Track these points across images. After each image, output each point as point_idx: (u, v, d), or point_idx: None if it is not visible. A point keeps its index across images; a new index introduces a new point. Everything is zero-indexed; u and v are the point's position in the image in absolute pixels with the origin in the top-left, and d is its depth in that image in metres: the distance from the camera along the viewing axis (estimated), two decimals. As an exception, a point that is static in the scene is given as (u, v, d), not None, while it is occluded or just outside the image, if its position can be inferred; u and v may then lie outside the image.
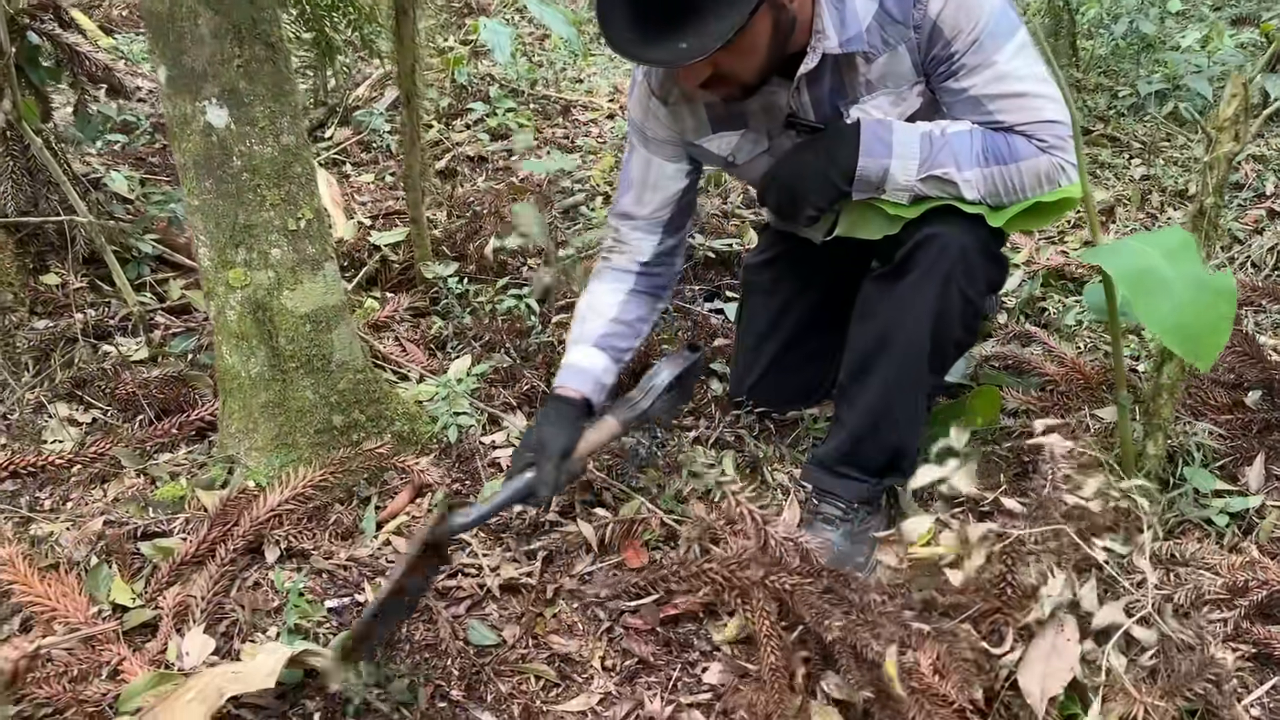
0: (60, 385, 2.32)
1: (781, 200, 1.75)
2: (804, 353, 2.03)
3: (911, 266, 1.70)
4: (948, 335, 1.76)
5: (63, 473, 2.01)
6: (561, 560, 1.83)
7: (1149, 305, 1.46)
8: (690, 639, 1.67)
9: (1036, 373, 2.32)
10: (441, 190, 3.24)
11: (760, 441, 2.05)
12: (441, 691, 1.55)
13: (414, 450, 1.97)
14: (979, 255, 1.70)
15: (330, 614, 1.70)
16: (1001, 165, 1.62)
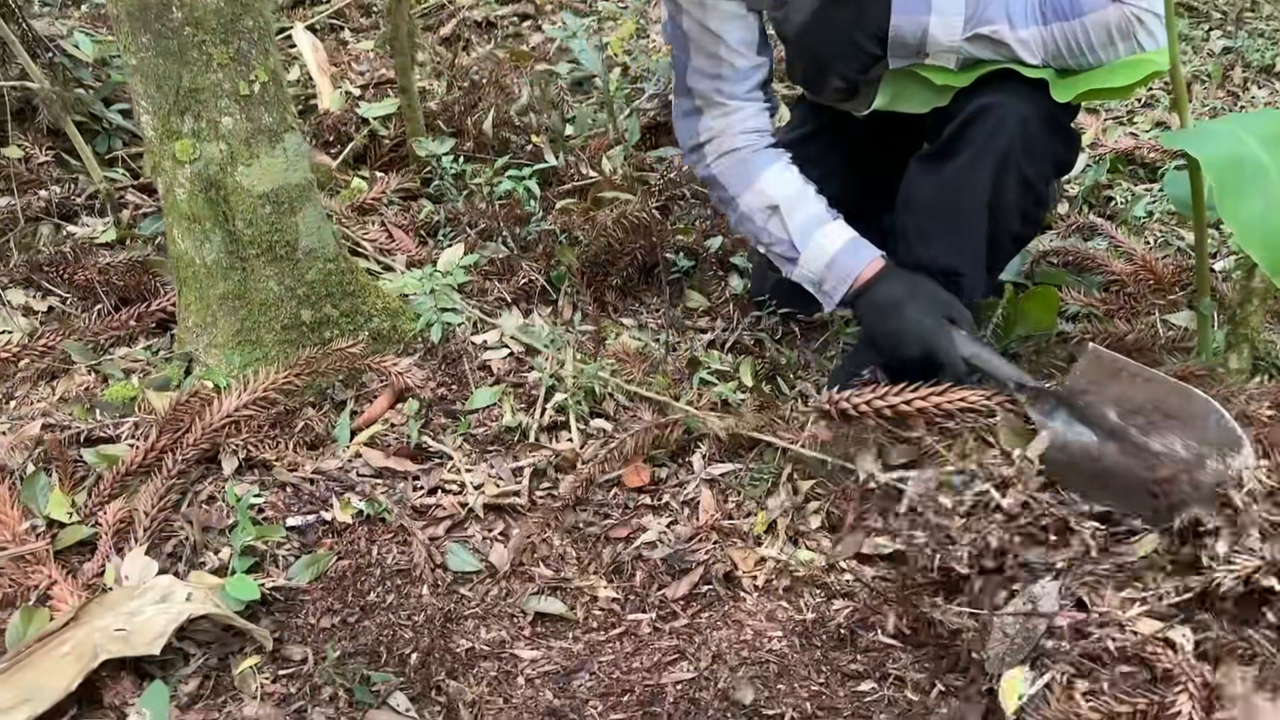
0: (16, 269, 2.11)
1: (807, 69, 1.48)
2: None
3: (962, 145, 1.44)
4: (1004, 227, 1.51)
5: (8, 367, 1.83)
6: (550, 478, 1.63)
7: (1237, 201, 1.20)
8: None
9: (1101, 270, 2.07)
10: (443, 59, 2.95)
11: (782, 346, 1.83)
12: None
13: (394, 350, 1.77)
14: (1042, 130, 1.44)
15: (291, 533, 1.53)
16: (1063, 21, 1.35)
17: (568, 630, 1.42)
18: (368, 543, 1.50)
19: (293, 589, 1.43)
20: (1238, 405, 1.37)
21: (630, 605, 1.45)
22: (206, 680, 1.30)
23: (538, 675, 1.35)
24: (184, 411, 1.58)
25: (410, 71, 2.32)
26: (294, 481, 1.59)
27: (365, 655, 1.35)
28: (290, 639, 1.37)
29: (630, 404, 1.74)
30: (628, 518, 1.57)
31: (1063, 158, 1.56)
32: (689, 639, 1.38)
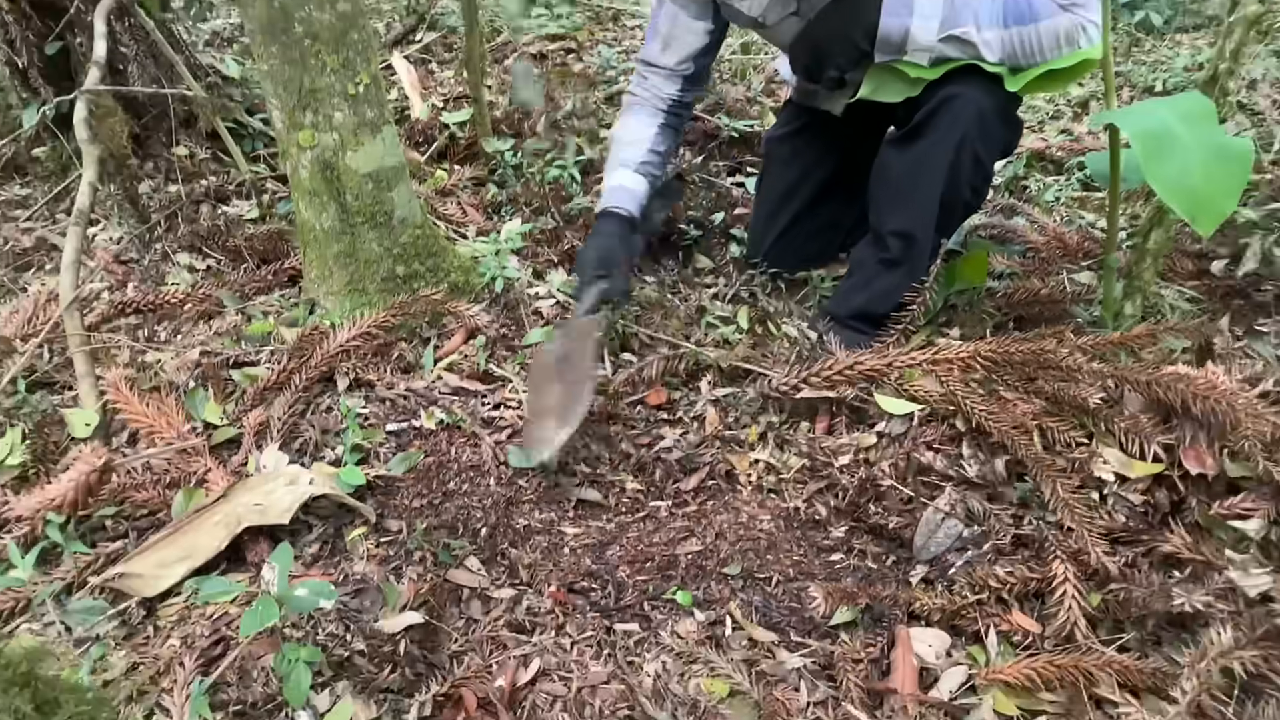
0: (183, 238, 2.07)
1: (810, 60, 1.41)
2: (817, 220, 1.71)
3: (929, 128, 1.37)
4: (957, 195, 1.44)
5: (176, 310, 1.79)
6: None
7: (1160, 167, 1.13)
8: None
9: (1020, 241, 1.98)
10: (507, 84, 2.86)
11: (771, 298, 1.76)
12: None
13: (467, 298, 1.70)
14: (995, 117, 1.36)
15: (389, 436, 1.48)
16: (1021, 26, 1.26)
17: (602, 513, 1.38)
18: (447, 444, 1.46)
19: (390, 478, 1.40)
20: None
21: (651, 495, 1.41)
22: (325, 545, 1.28)
23: (579, 546, 1.31)
24: (307, 343, 1.53)
25: (480, 87, 2.24)
26: (391, 397, 1.55)
27: (446, 528, 1.32)
28: (389, 515, 1.34)
29: (650, 342, 1.68)
30: (649, 429, 1.53)
31: (1009, 141, 1.48)
32: (697, 521, 1.34)
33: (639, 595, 1.19)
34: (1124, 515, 1.21)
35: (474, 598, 1.18)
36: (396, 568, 1.20)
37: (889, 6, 1.25)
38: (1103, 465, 1.21)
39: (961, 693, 1.09)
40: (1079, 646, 1.09)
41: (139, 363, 1.60)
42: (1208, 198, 1.12)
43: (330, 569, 1.24)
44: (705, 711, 1.07)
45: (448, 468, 1.44)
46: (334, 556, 1.26)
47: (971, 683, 1.09)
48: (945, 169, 1.30)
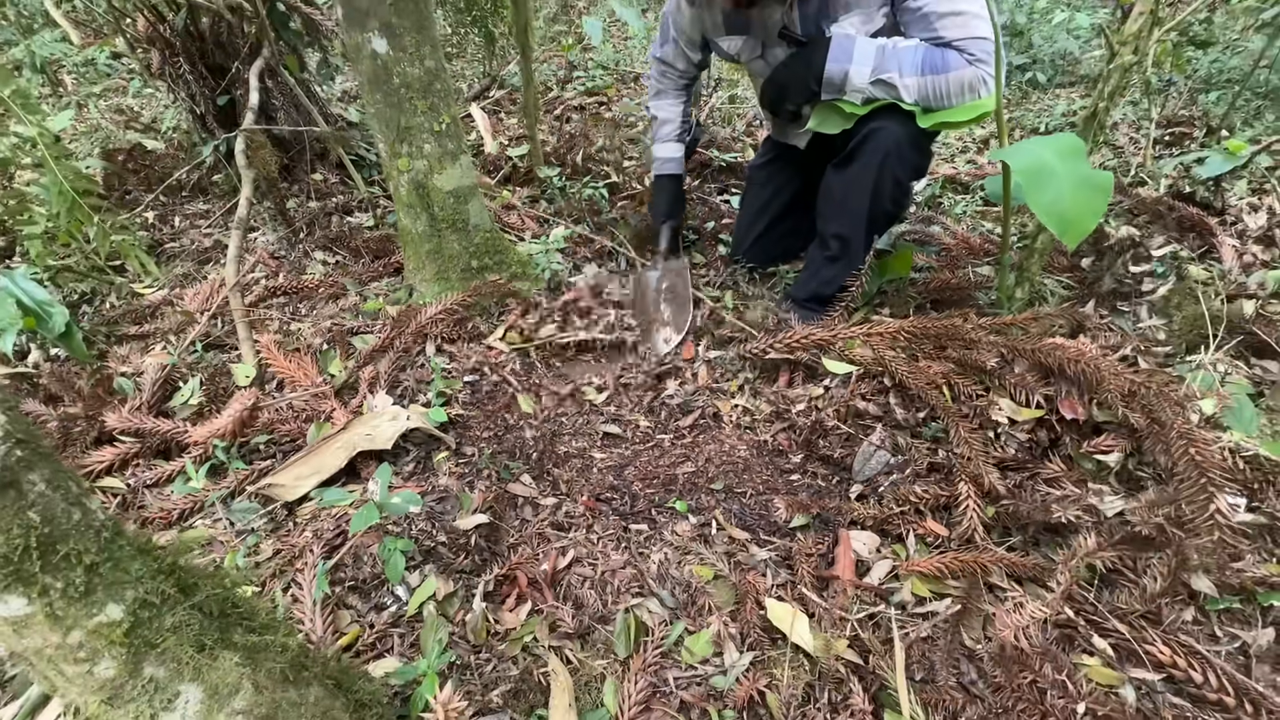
0: (318, 240, 2.00)
1: (773, 97, 1.29)
2: (785, 227, 1.61)
3: (859, 153, 1.26)
4: (880, 207, 1.33)
5: (313, 293, 1.72)
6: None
7: (1037, 194, 1.02)
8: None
9: (936, 243, 1.85)
10: (555, 125, 2.74)
11: (749, 285, 1.65)
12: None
13: (525, 284, 1.61)
14: (909, 146, 1.24)
15: (465, 384, 1.41)
16: (935, 75, 1.14)
17: (621, 443, 1.32)
18: (508, 389, 1.38)
19: (466, 416, 1.33)
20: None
21: (658, 430, 1.34)
22: (418, 465, 1.22)
23: (604, 467, 1.25)
24: (406, 317, 1.45)
25: (535, 129, 2.13)
26: (468, 356, 1.47)
27: (506, 453, 1.26)
28: (465, 443, 1.28)
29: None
30: (657, 380, 1.45)
31: (921, 165, 1.36)
32: (691, 449, 1.27)
33: (648, 504, 1.12)
34: (1013, 449, 1.13)
35: (526, 504, 1.12)
36: (470, 482, 1.14)
37: (834, 54, 1.14)
38: (998, 411, 1.13)
39: (887, 579, 1.02)
40: (977, 546, 1.02)
41: (285, 331, 1.54)
42: (1076, 219, 1.02)
43: (421, 482, 1.19)
44: (696, 589, 1.02)
45: (509, 410, 1.38)
46: (425, 473, 1.21)
47: (895, 572, 1.03)
48: (871, 186, 1.20)
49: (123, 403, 1.25)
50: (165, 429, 1.19)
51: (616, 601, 0.99)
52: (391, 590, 0.97)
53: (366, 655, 0.88)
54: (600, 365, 1.40)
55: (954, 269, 1.73)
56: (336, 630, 0.90)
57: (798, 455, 1.24)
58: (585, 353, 1.43)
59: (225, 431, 1.15)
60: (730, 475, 1.20)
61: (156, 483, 1.15)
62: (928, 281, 1.62)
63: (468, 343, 1.51)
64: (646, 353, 1.27)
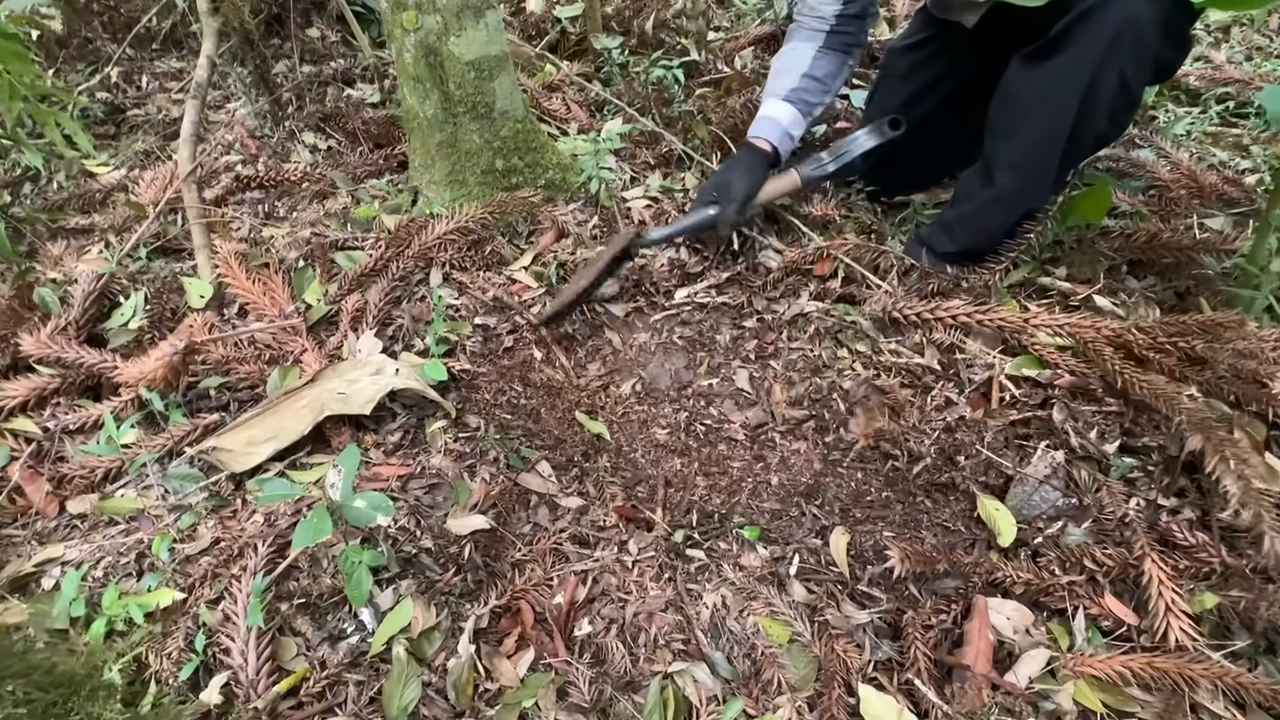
0: (310, 117, 1.81)
1: None
2: (927, 139, 1.32)
3: (1070, 40, 0.95)
4: (1091, 124, 1.02)
5: (294, 188, 1.55)
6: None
7: None
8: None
9: (1144, 176, 1.50)
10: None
11: (866, 212, 1.38)
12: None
13: (563, 197, 1.39)
14: (1155, 30, 0.92)
15: (476, 329, 1.24)
16: None
17: (679, 430, 1.12)
18: (530, 340, 1.20)
19: (474, 373, 1.16)
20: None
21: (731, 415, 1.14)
22: (406, 435, 1.07)
23: (653, 460, 1.07)
24: (407, 231, 1.28)
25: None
26: (483, 289, 1.28)
27: (522, 431, 1.09)
28: (469, 410, 1.12)
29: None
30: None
31: (1168, 62, 1.03)
32: (770, 449, 1.07)
33: (704, 519, 0.95)
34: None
35: (542, 504, 0.97)
36: (471, 465, 1.01)
37: None
38: (1248, 467, 0.87)
39: (1040, 677, 0.82)
40: (1181, 646, 0.80)
41: (254, 239, 1.39)
42: None
43: (409, 460, 1.04)
44: (762, 656, 0.85)
45: (530, 366, 1.21)
46: (414, 447, 1.06)
47: (1053, 668, 0.82)
48: (1080, 90, 0.90)
49: (44, 320, 1.14)
50: (93, 362, 1.07)
51: (652, 661, 0.84)
52: (355, 614, 0.83)
53: (311, 709, 0.76)
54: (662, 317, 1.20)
55: (1169, 217, 1.40)
56: (276, 668, 0.78)
57: (924, 475, 1.02)
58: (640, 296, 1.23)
59: (158, 376, 1.02)
60: (826, 492, 1.00)
61: (81, 428, 1.05)
62: (1127, 232, 1.31)
63: (484, 272, 1.33)
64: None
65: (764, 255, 1.35)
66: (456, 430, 1.06)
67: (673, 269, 1.37)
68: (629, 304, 1.32)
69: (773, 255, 1.34)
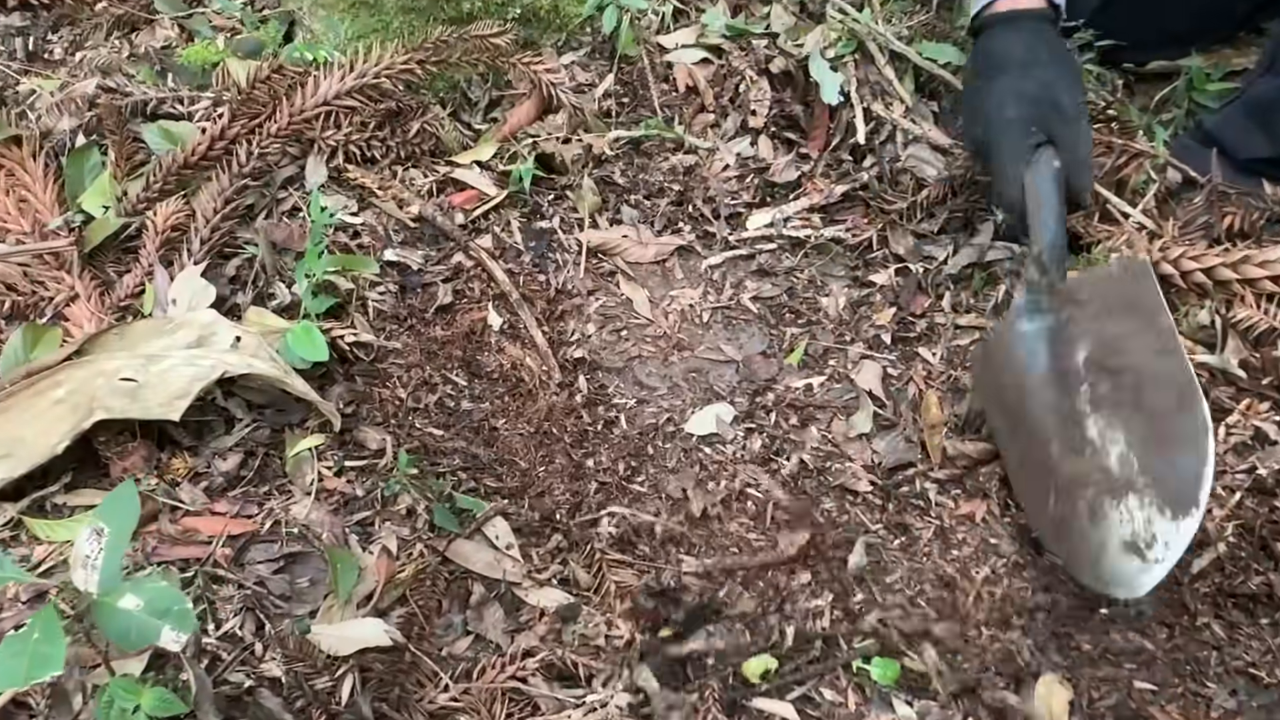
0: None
1: None
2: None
3: None
4: None
5: (83, 9, 1.42)
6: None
7: None
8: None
9: None
10: None
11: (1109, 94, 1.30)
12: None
13: (552, 39, 1.26)
14: None
15: (388, 271, 1.10)
16: None
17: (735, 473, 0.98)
18: (483, 292, 1.07)
19: (380, 348, 1.03)
20: None
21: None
22: (250, 459, 0.98)
23: (689, 523, 0.93)
24: (271, 91, 1.18)
25: None
26: (401, 201, 1.15)
27: (460, 458, 0.97)
28: (366, 418, 1.01)
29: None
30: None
31: None
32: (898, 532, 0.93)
33: (802, 644, 0.87)
34: None
35: (491, 600, 0.87)
36: (366, 521, 0.93)
37: None
38: None
39: None
40: None
41: (4, 92, 1.27)
42: None
43: (251, 506, 0.93)
44: None
45: (481, 340, 1.07)
46: (262, 483, 0.96)
47: None
48: None
49: None
50: None
51: None
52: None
53: None
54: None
55: None
56: None
57: (1213, 575, 0.89)
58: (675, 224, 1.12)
59: None
60: (1025, 605, 0.90)
61: None
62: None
63: (405, 168, 1.20)
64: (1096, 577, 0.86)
65: (912, 154, 1.20)
66: (342, 454, 0.98)
67: (745, 175, 1.23)
68: (663, 234, 1.20)
69: (928, 156, 1.20)
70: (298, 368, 0.98)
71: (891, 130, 1.23)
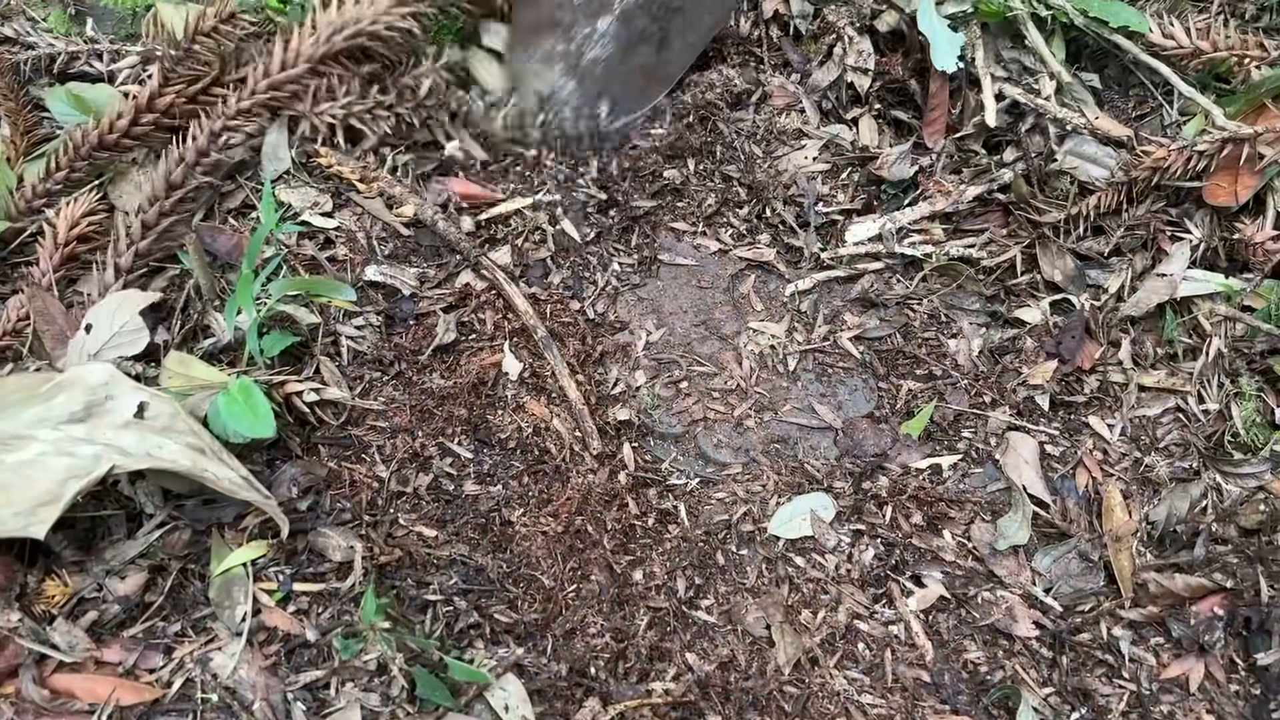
0: None
1: None
2: None
3: None
4: None
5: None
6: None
7: None
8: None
9: None
10: None
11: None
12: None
13: None
14: None
15: (369, 296, 0.81)
16: None
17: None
18: (498, 326, 0.78)
19: (355, 409, 0.74)
20: None
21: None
22: (159, 578, 0.77)
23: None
24: (217, 47, 0.88)
25: None
26: (391, 198, 0.85)
27: (461, 581, 0.67)
28: (331, 513, 0.77)
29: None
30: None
31: None
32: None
33: None
34: None
35: None
36: (318, 684, 0.64)
37: None
38: None
39: None
40: None
41: None
42: None
43: (150, 656, 0.68)
44: None
45: (495, 390, 0.78)
46: (171, 617, 0.78)
47: None
48: None
49: None
50: None
51: None
52: None
53: None
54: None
55: None
56: None
57: None
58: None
59: None
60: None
61: None
62: None
63: (400, 147, 0.88)
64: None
65: (1071, 149, 0.89)
66: (291, 570, 0.74)
67: (840, 167, 0.91)
68: (728, 243, 0.93)
69: (1094, 151, 0.90)
70: (233, 442, 0.69)
71: (1038, 116, 0.90)
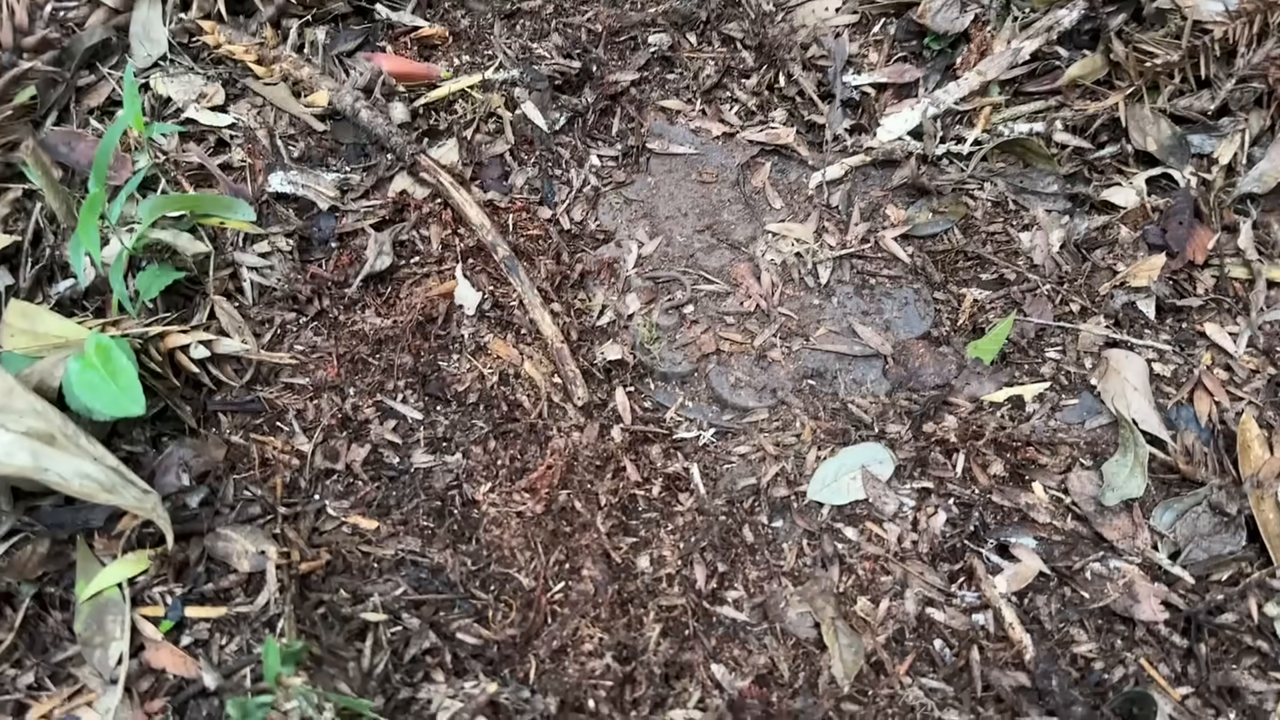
0: None
1: None
2: None
3: None
4: None
5: None
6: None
7: None
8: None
9: None
10: None
11: None
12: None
13: None
14: None
15: (276, 212, 0.63)
16: None
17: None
18: (446, 245, 0.61)
19: (263, 363, 0.55)
20: None
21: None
22: (8, 607, 0.51)
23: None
24: None
25: None
26: (299, 82, 0.65)
27: (409, 573, 0.52)
28: (236, 506, 0.56)
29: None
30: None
31: None
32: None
33: None
34: None
35: None
36: None
37: None
38: None
39: None
40: None
41: None
42: None
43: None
44: None
45: (446, 343, 0.61)
46: (26, 660, 0.66)
47: None
48: None
49: None
50: None
51: None
52: None
53: None
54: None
55: None
56: None
57: None
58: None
59: None
60: None
61: None
62: None
63: (306, 17, 0.68)
64: None
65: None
66: (183, 589, 0.59)
67: (871, 18, 0.73)
68: (734, 123, 0.78)
69: None
70: (96, 420, 0.50)
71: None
